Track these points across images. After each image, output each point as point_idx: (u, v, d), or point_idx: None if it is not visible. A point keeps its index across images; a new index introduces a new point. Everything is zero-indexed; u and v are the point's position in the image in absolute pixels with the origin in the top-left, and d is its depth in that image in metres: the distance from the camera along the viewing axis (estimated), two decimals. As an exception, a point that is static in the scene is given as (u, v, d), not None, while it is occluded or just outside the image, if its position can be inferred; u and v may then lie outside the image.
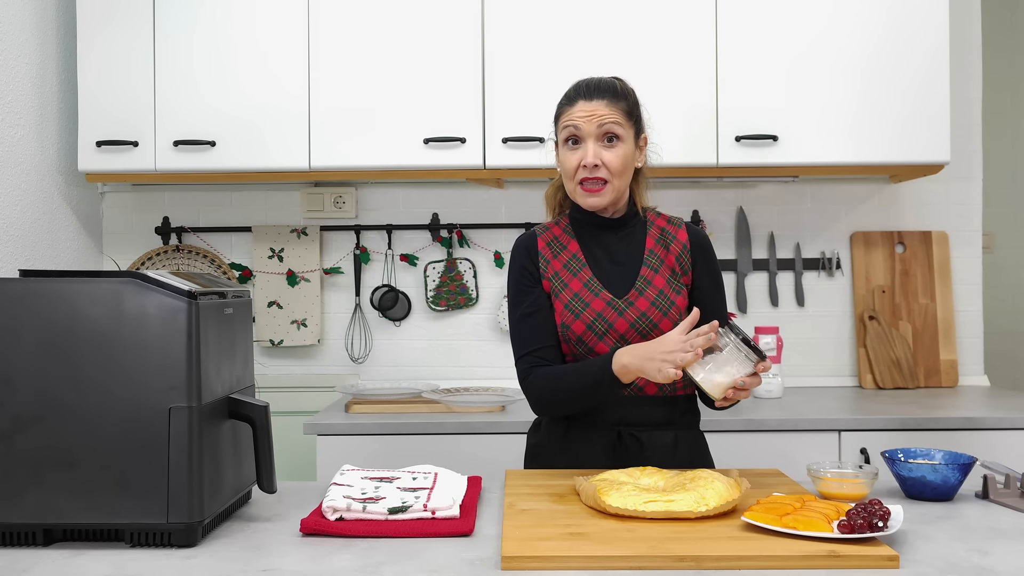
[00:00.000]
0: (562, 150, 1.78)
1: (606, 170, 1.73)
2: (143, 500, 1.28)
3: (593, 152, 1.72)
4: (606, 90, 1.76)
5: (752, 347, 1.55)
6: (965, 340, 3.10)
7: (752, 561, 1.18)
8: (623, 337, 1.72)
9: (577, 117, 1.74)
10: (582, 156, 1.73)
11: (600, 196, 1.75)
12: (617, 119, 1.74)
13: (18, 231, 2.59)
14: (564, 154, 1.77)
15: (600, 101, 1.74)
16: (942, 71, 2.68)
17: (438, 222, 3.08)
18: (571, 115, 1.75)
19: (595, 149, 1.72)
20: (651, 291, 1.76)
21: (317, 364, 3.11)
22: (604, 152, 1.73)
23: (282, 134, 2.71)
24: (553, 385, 1.73)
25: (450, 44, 2.71)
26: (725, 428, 2.40)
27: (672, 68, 2.69)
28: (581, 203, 1.77)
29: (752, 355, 1.55)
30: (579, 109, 1.74)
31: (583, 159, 1.73)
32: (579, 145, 1.74)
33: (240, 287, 1.55)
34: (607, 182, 1.74)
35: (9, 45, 2.56)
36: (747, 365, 1.55)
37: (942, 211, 3.11)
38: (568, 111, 1.76)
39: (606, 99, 1.75)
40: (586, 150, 1.73)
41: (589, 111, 1.73)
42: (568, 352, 1.76)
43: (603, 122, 1.73)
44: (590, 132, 1.73)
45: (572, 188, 1.77)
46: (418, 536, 1.32)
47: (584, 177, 1.74)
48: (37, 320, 1.29)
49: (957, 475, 1.52)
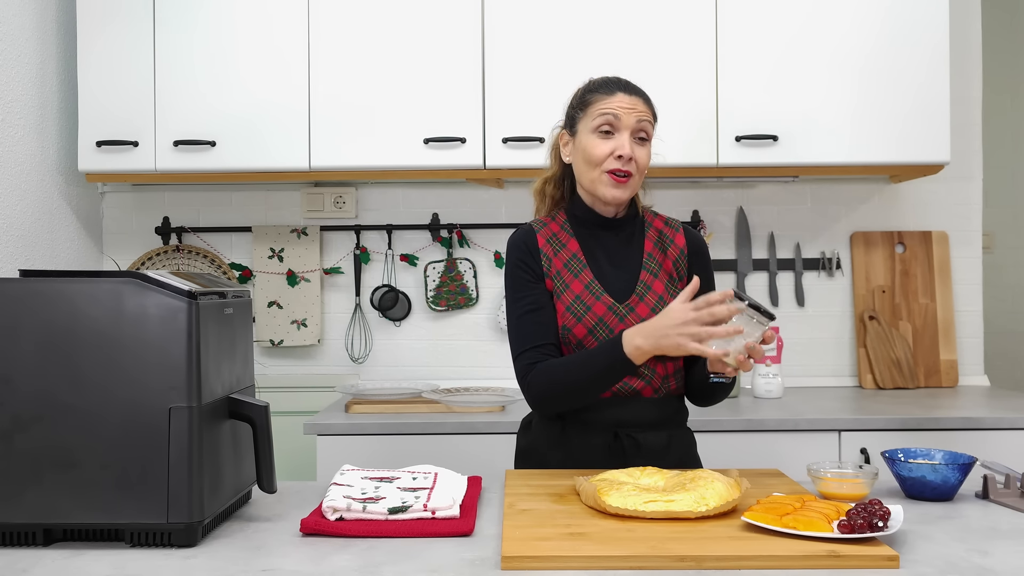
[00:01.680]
0: (590, 137, 1.74)
1: (635, 165, 1.73)
2: (143, 500, 1.28)
3: (629, 144, 1.72)
4: (641, 91, 1.78)
5: (761, 311, 1.52)
6: (965, 340, 3.10)
7: (752, 561, 1.18)
8: None
9: (618, 106, 1.73)
10: (615, 146, 1.72)
11: (625, 188, 1.74)
12: (651, 119, 1.77)
13: (18, 231, 2.59)
14: (592, 141, 1.74)
15: (639, 98, 1.76)
16: (942, 71, 2.68)
17: (438, 222, 3.08)
18: (610, 103, 1.73)
19: (631, 143, 1.72)
20: (651, 296, 1.76)
21: (317, 364, 3.11)
22: (637, 148, 1.73)
23: (282, 134, 2.71)
24: (559, 377, 1.69)
25: (450, 44, 2.71)
26: (725, 428, 2.40)
27: (672, 68, 2.69)
28: (603, 193, 1.75)
29: (763, 319, 1.52)
30: (620, 99, 1.73)
31: (617, 149, 1.72)
32: (612, 135, 1.73)
33: (240, 287, 1.55)
34: (631, 176, 1.74)
35: (9, 45, 2.56)
36: (757, 330, 1.53)
37: (942, 211, 3.11)
38: (606, 99, 1.74)
39: (642, 98, 1.77)
40: (622, 140, 1.72)
41: (630, 104, 1.73)
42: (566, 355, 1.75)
43: (642, 118, 1.74)
44: (628, 124, 1.73)
45: (595, 176, 1.75)
46: (418, 536, 1.32)
47: (615, 168, 1.72)
48: (37, 320, 1.29)
49: (957, 475, 1.51)
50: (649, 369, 1.73)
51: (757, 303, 1.53)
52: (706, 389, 1.77)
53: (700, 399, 1.83)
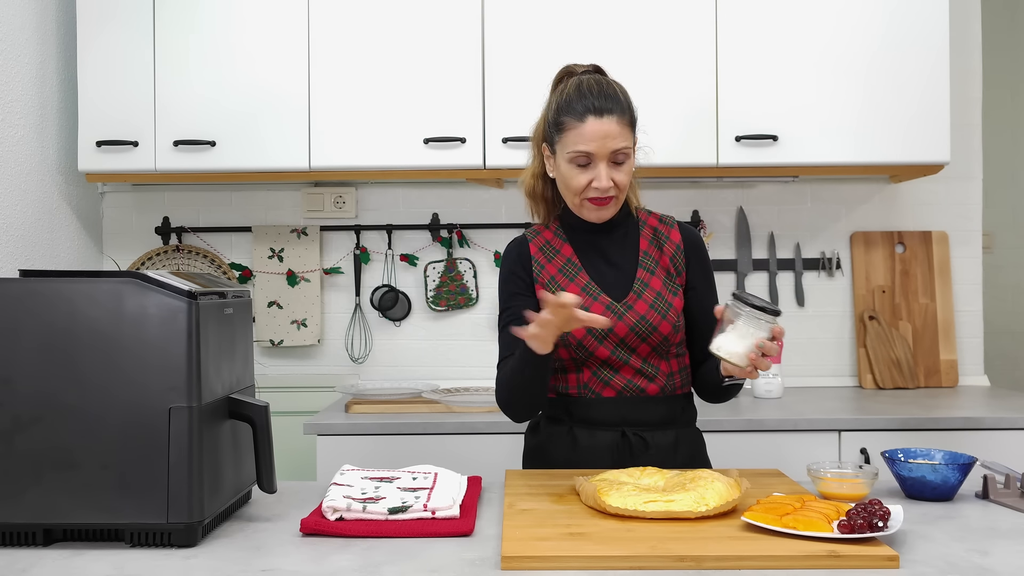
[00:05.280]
0: (567, 166, 1.71)
1: (616, 189, 1.71)
2: (143, 500, 1.28)
3: (606, 175, 1.68)
4: (614, 104, 1.69)
5: (766, 309, 1.50)
6: (965, 340, 3.10)
7: (752, 561, 1.18)
8: (623, 341, 1.72)
9: (588, 140, 1.67)
10: (592, 178, 1.69)
11: (608, 210, 1.74)
12: (627, 140, 1.70)
13: (18, 231, 2.59)
14: (570, 171, 1.71)
15: (610, 118, 1.67)
16: (942, 71, 2.68)
17: (438, 222, 3.08)
18: (580, 135, 1.67)
19: (607, 172, 1.69)
20: (649, 293, 1.76)
21: (317, 364, 3.11)
22: (615, 174, 1.70)
23: (282, 134, 2.71)
24: (501, 381, 1.74)
25: (450, 44, 2.71)
26: (725, 428, 2.40)
27: (672, 68, 2.69)
28: (587, 216, 1.76)
29: (769, 318, 1.50)
30: (590, 129, 1.67)
31: (594, 181, 1.69)
32: (588, 166, 1.69)
33: (240, 287, 1.55)
34: (613, 198, 1.73)
35: (9, 45, 2.56)
36: (765, 329, 1.51)
37: (942, 211, 3.11)
38: (576, 128, 1.68)
39: (615, 115, 1.68)
40: (598, 172, 1.68)
41: (601, 133, 1.66)
42: (568, 356, 1.75)
43: (615, 146, 1.68)
44: (603, 156, 1.68)
45: (576, 203, 1.74)
46: (418, 536, 1.32)
47: (594, 196, 1.71)
48: (37, 320, 1.29)
49: (957, 475, 1.52)
50: (653, 367, 1.74)
51: (761, 302, 1.50)
52: (719, 391, 1.77)
53: (712, 397, 1.83)
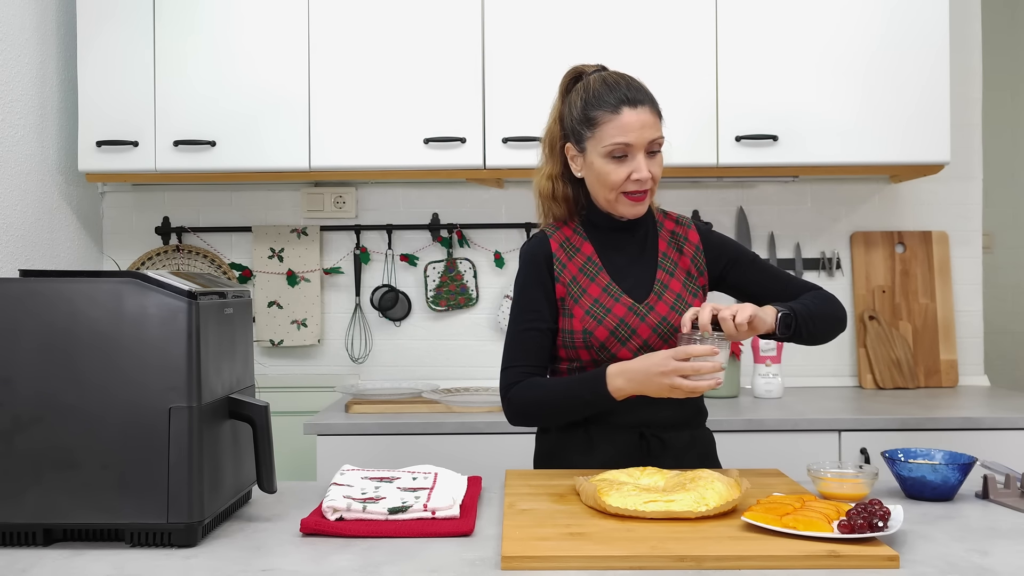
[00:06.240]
0: (603, 161, 1.68)
1: (652, 182, 1.70)
2: (143, 500, 1.28)
3: (646, 166, 1.67)
4: (644, 96, 1.69)
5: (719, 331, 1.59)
6: (965, 340, 3.10)
7: (752, 561, 1.18)
8: (646, 343, 1.71)
9: (627, 131, 1.65)
10: (631, 170, 1.67)
11: (643, 204, 1.73)
12: (660, 130, 1.70)
13: (18, 231, 2.59)
14: (607, 167, 1.68)
15: (643, 108, 1.67)
16: (942, 71, 2.68)
17: (438, 222, 3.08)
18: (618, 127, 1.66)
19: (647, 163, 1.68)
20: (669, 295, 1.75)
21: (317, 364, 3.11)
22: (651, 165, 1.69)
23: (282, 134, 2.71)
24: (539, 398, 1.71)
25: (450, 44, 2.71)
26: (726, 428, 2.40)
27: (672, 68, 2.69)
28: (623, 212, 1.73)
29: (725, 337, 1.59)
30: (627, 120, 1.66)
31: (634, 172, 1.67)
32: (626, 158, 1.68)
33: (240, 287, 1.55)
34: (649, 190, 1.72)
35: (9, 45, 2.56)
36: (725, 347, 1.60)
37: (942, 211, 3.11)
38: (612, 120, 1.66)
39: (647, 105, 1.68)
40: (638, 164, 1.67)
41: (639, 123, 1.66)
42: (589, 358, 1.73)
43: (653, 135, 1.68)
44: (641, 145, 1.67)
45: (612, 198, 1.71)
46: (418, 536, 1.32)
47: (633, 189, 1.69)
48: (37, 320, 1.29)
49: (957, 475, 1.51)
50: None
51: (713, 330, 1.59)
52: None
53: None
